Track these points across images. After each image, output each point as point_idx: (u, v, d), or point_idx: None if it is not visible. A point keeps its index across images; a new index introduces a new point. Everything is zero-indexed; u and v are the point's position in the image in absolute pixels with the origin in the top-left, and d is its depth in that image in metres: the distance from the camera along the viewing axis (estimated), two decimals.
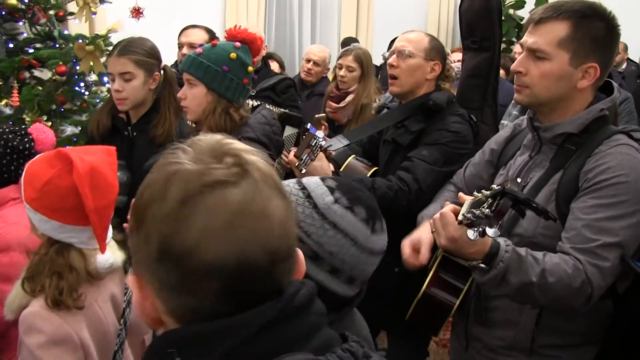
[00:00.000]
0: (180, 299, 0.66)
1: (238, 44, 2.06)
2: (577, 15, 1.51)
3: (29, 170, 1.52)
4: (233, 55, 2.03)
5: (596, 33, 1.52)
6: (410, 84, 2.30)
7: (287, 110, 2.83)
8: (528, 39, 1.57)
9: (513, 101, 2.43)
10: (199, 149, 0.69)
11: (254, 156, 0.70)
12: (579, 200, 1.51)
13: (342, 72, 3.65)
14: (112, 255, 1.57)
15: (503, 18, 2.69)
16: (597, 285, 1.45)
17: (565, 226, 1.52)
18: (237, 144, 0.72)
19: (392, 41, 5.21)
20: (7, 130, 2.05)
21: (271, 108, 2.36)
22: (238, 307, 0.65)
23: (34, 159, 1.58)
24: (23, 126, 2.09)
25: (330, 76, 4.49)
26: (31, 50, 3.36)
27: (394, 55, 2.32)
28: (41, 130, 2.10)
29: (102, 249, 1.51)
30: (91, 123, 2.58)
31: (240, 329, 0.64)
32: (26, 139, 2.06)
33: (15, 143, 2.02)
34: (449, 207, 1.54)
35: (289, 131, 3.05)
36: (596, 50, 1.53)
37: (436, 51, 2.32)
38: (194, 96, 2.08)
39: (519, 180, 1.66)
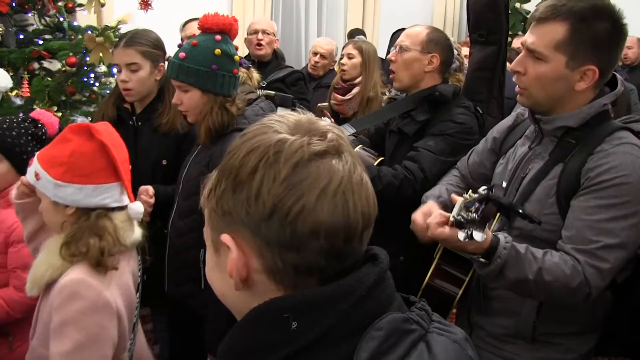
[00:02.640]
0: (285, 256, 0.70)
1: (218, 36, 2.00)
2: (576, 17, 1.48)
3: (44, 157, 1.57)
4: (217, 51, 1.99)
5: (597, 35, 1.48)
6: (407, 78, 2.35)
7: (277, 92, 2.84)
8: (528, 37, 1.56)
9: None
10: (291, 124, 0.74)
11: (340, 133, 0.75)
12: (580, 199, 1.50)
13: (343, 60, 3.67)
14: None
15: (510, 12, 2.70)
16: (595, 285, 1.46)
17: (565, 223, 1.52)
18: (323, 122, 0.76)
19: (393, 34, 5.28)
20: (19, 119, 2.09)
21: (260, 92, 2.34)
22: (338, 267, 0.72)
23: (43, 148, 1.64)
24: (22, 115, 2.12)
25: (336, 68, 4.51)
26: (41, 42, 3.40)
27: (394, 50, 2.37)
28: (46, 115, 2.15)
29: (132, 198, 1.64)
30: (97, 114, 2.62)
31: (352, 291, 0.70)
32: (39, 125, 2.10)
33: (33, 130, 2.06)
34: (420, 210, 1.61)
35: (282, 112, 3.06)
36: (595, 53, 1.49)
37: (434, 43, 2.34)
38: (190, 100, 2.06)
39: (504, 185, 1.68)
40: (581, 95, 1.55)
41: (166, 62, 2.50)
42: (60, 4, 3.44)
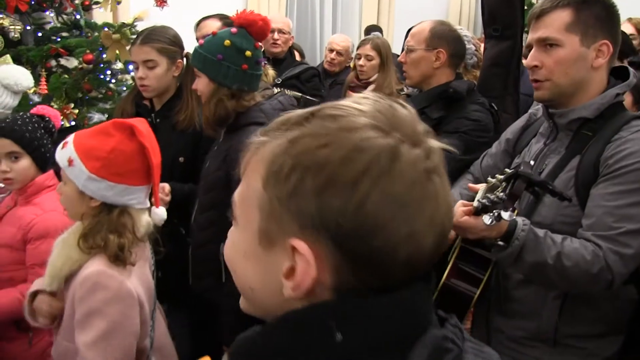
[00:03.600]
0: (366, 277, 0.62)
1: (234, 29, 2.04)
2: (576, 2, 1.53)
3: (82, 145, 1.58)
4: (227, 42, 2.01)
5: (598, 13, 1.53)
6: (417, 77, 2.37)
7: (303, 95, 2.85)
8: (534, 34, 1.58)
9: None
10: (389, 118, 0.64)
11: (432, 136, 0.66)
12: (599, 187, 1.50)
13: (361, 62, 3.66)
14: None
15: (525, 7, 2.68)
16: (618, 272, 1.44)
17: (585, 212, 1.51)
18: (421, 126, 0.66)
19: (408, 31, 5.24)
20: (28, 115, 2.10)
21: (289, 93, 2.37)
22: (404, 280, 0.64)
23: (80, 135, 1.63)
24: (21, 112, 2.16)
25: (352, 66, 4.50)
26: (58, 39, 3.44)
27: (404, 52, 2.41)
28: (48, 110, 2.18)
29: (157, 204, 1.67)
30: (116, 111, 2.64)
31: (403, 306, 0.64)
32: (47, 119, 2.13)
33: (44, 124, 2.09)
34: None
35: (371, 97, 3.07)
36: (603, 28, 1.53)
37: (438, 38, 2.33)
38: (200, 87, 2.11)
39: (532, 162, 1.66)
40: (598, 74, 1.56)
41: (184, 59, 2.51)
42: (77, 1, 3.47)
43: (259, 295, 0.69)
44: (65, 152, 1.59)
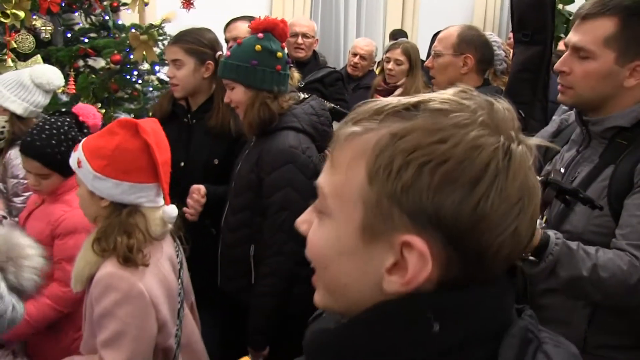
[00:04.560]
0: (472, 270, 0.63)
1: (260, 34, 2.06)
2: (627, 12, 1.44)
3: (89, 146, 1.60)
4: (258, 47, 2.03)
5: None
6: (445, 82, 2.35)
7: (335, 106, 2.84)
8: (572, 36, 1.52)
9: None
10: (479, 113, 0.63)
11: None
12: (634, 197, 1.45)
13: (390, 66, 3.65)
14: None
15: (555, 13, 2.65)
16: None
17: (619, 223, 1.46)
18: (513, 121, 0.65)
19: (435, 35, 5.22)
20: (66, 128, 2.04)
21: (312, 94, 2.37)
22: (495, 275, 0.66)
23: (89, 137, 1.67)
24: (67, 115, 2.10)
25: (376, 70, 4.49)
26: (86, 40, 3.49)
27: (431, 56, 2.40)
28: (88, 115, 2.15)
29: (167, 202, 1.65)
30: (154, 107, 2.68)
31: (493, 298, 0.66)
32: (85, 131, 2.07)
33: (73, 135, 2.03)
34: None
35: (335, 127, 3.08)
36: None
37: (466, 43, 2.31)
38: (236, 96, 2.11)
39: (562, 170, 1.62)
40: (630, 92, 1.50)
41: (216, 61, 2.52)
42: (105, 3, 3.53)
43: (352, 290, 0.67)
44: (75, 155, 1.61)
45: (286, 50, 2.17)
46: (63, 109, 2.26)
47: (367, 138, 0.63)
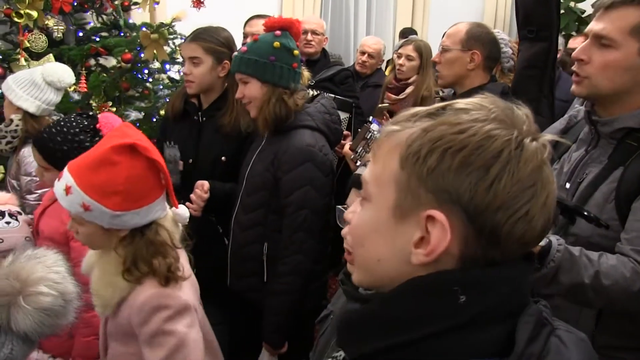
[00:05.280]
0: (489, 250, 0.71)
1: (278, 32, 2.08)
2: None
3: (91, 184, 1.47)
4: (276, 44, 2.06)
5: None
6: (450, 77, 2.37)
7: (337, 96, 2.86)
8: (595, 25, 1.46)
9: None
10: (497, 113, 0.73)
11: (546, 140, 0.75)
12: None
13: (401, 61, 3.65)
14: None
15: (563, 11, 2.63)
16: None
17: (625, 226, 1.42)
18: (535, 125, 0.75)
19: (444, 35, 5.21)
20: (77, 130, 2.01)
21: (321, 92, 2.39)
22: (515, 257, 0.74)
23: (82, 173, 1.49)
24: (89, 119, 2.06)
25: (387, 71, 4.48)
26: (98, 39, 3.53)
27: (438, 52, 2.41)
28: (111, 127, 2.01)
29: (176, 204, 1.61)
30: (168, 104, 2.70)
31: (514, 278, 0.73)
32: (97, 138, 1.97)
33: (87, 144, 1.96)
34: None
35: (342, 116, 3.09)
36: None
37: (474, 40, 2.32)
38: (250, 92, 2.11)
39: (567, 186, 1.58)
40: None
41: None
42: (116, 2, 3.56)
43: (385, 266, 0.76)
44: (74, 198, 1.47)
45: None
46: (90, 112, 2.23)
47: (402, 134, 0.74)
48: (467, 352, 0.70)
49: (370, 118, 2.50)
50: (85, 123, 2.03)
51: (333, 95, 2.87)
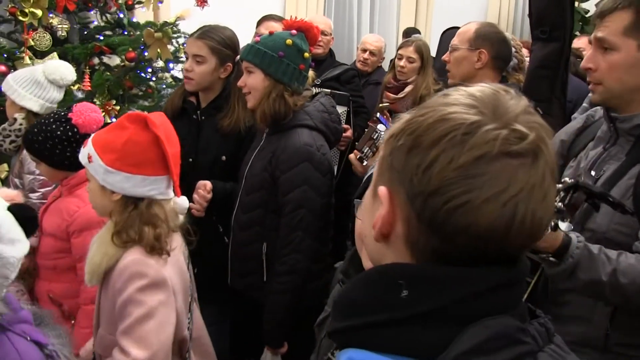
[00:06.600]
0: (429, 238, 0.68)
1: (294, 31, 2.10)
2: (638, 2, 1.46)
3: (99, 141, 1.62)
4: (289, 41, 2.06)
5: None
6: (459, 76, 2.37)
7: (332, 91, 2.84)
8: (595, 34, 1.54)
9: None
10: (495, 107, 0.68)
11: (544, 134, 0.69)
12: None
13: (402, 63, 3.64)
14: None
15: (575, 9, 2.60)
16: None
17: None
18: (533, 116, 0.69)
19: (443, 33, 5.21)
20: (51, 120, 2.10)
21: (320, 90, 2.37)
22: (476, 264, 0.68)
23: (99, 132, 1.69)
24: (63, 112, 2.16)
25: (388, 67, 4.46)
26: (101, 38, 3.52)
27: (448, 51, 2.42)
28: (80, 115, 2.09)
29: (178, 193, 1.67)
30: (167, 102, 2.68)
31: (471, 283, 0.67)
32: (68, 127, 2.08)
33: (58, 133, 2.06)
34: None
35: (339, 110, 3.07)
36: None
37: (482, 39, 2.33)
38: (253, 82, 2.11)
39: (592, 173, 1.60)
40: None
41: (235, 64, 2.50)
42: (120, 1, 3.54)
43: (367, 246, 0.79)
44: (85, 150, 1.64)
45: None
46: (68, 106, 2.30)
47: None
48: (400, 348, 0.66)
49: (378, 114, 2.46)
50: (62, 113, 2.13)
51: (329, 91, 2.84)
